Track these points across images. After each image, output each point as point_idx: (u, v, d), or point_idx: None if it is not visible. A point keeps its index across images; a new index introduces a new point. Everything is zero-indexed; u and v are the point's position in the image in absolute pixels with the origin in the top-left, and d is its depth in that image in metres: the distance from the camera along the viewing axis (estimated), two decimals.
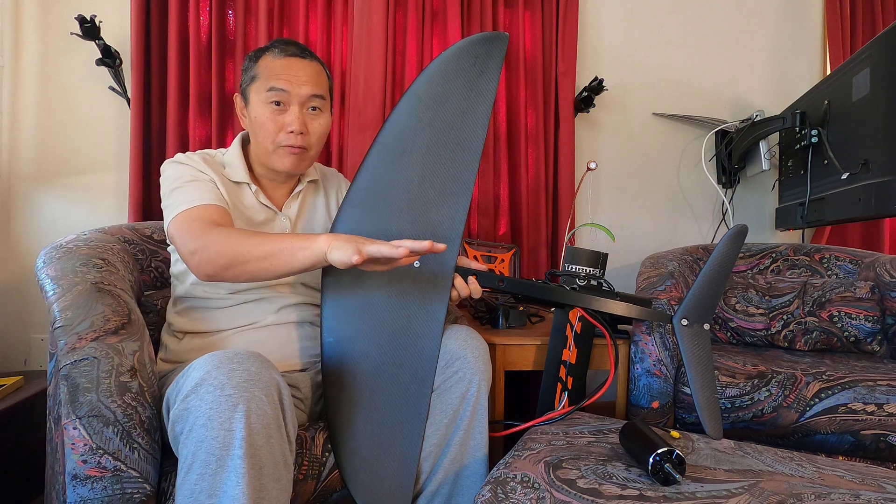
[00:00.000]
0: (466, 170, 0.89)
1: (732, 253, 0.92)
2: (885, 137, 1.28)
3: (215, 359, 0.67)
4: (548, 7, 1.77)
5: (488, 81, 0.90)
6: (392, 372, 0.87)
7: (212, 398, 0.63)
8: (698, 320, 0.95)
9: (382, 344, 0.87)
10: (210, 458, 0.62)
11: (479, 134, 0.90)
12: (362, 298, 0.87)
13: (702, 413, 0.89)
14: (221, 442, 0.62)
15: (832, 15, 1.92)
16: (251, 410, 0.63)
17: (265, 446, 0.64)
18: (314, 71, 0.94)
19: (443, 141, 0.89)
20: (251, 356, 0.69)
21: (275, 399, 0.67)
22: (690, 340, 0.94)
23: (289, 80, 0.91)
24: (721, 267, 0.92)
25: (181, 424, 0.65)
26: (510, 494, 0.64)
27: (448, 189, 0.89)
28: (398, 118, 0.90)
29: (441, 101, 0.89)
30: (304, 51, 0.95)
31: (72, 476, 0.67)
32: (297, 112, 0.91)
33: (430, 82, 0.90)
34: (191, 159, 0.93)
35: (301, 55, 0.94)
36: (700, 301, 0.94)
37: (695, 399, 0.91)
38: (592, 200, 1.90)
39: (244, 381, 0.64)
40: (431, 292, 0.88)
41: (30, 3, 1.53)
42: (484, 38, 0.90)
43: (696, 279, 0.94)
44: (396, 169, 0.89)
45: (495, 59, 0.90)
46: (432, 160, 0.89)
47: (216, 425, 0.62)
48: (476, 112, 0.90)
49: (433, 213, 0.89)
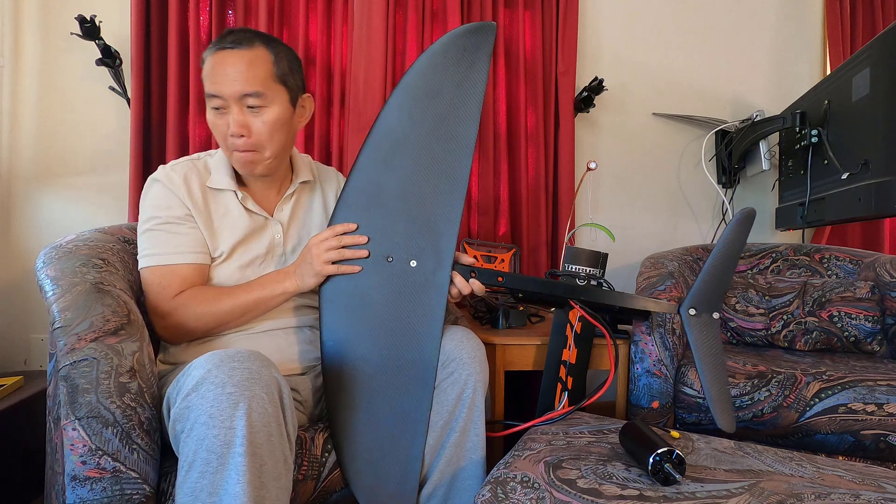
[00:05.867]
0: (460, 165, 0.88)
1: (740, 238, 0.89)
2: (885, 137, 1.28)
3: (216, 357, 0.67)
4: (548, 7, 1.77)
5: (479, 73, 0.88)
6: (392, 374, 0.86)
7: (213, 396, 0.63)
8: (707, 309, 0.92)
9: (381, 346, 0.86)
10: (211, 457, 0.62)
11: (471, 128, 0.88)
12: (360, 300, 0.87)
13: (713, 406, 0.88)
14: (223, 440, 0.62)
15: (832, 15, 1.92)
16: (252, 409, 0.63)
17: (266, 444, 0.64)
18: (246, 63, 0.84)
19: (435, 136, 0.88)
20: (252, 355, 0.69)
21: (275, 398, 0.67)
22: (699, 331, 0.91)
23: (216, 81, 0.84)
24: (729, 253, 0.89)
25: (182, 423, 0.65)
26: (510, 494, 0.64)
27: (442, 185, 0.88)
28: (389, 116, 0.88)
29: (431, 96, 0.88)
30: (241, 40, 0.85)
31: (71, 477, 0.67)
32: (236, 113, 0.85)
33: (419, 77, 0.88)
34: (172, 182, 0.88)
35: (234, 46, 0.84)
36: (708, 289, 0.91)
37: (705, 391, 0.89)
38: (592, 200, 1.90)
39: (245, 379, 0.64)
40: (429, 291, 0.87)
41: (30, 3, 1.53)
42: (471, 29, 0.88)
43: (703, 267, 0.92)
44: (389, 167, 0.88)
45: (484, 50, 0.88)
46: (425, 156, 0.88)
47: (217, 423, 0.62)
48: (468, 105, 0.88)
49: (428, 209, 0.88)
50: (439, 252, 0.87)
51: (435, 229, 0.87)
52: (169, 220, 0.87)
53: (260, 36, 0.88)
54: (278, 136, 0.89)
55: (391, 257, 0.87)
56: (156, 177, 0.89)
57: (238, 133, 0.85)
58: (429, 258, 0.87)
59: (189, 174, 0.90)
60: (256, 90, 0.84)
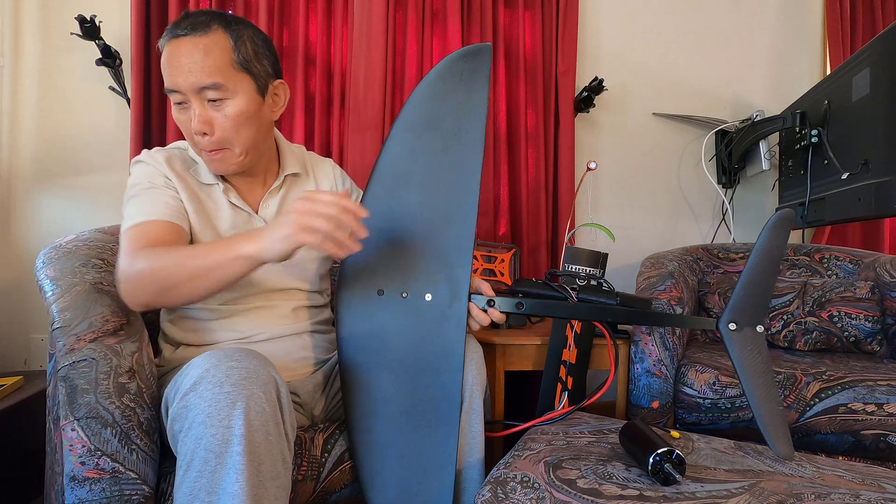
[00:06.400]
0: (468, 192, 0.86)
1: (777, 242, 0.80)
2: (885, 137, 1.28)
3: (214, 357, 0.66)
4: (548, 7, 1.77)
5: (478, 97, 0.86)
6: (416, 414, 0.84)
7: (211, 395, 0.63)
8: (749, 322, 0.81)
9: (403, 385, 0.84)
10: (209, 455, 0.62)
11: (475, 154, 0.86)
12: (377, 341, 0.84)
13: (766, 429, 0.77)
14: (220, 439, 0.62)
15: (832, 15, 1.92)
16: (250, 408, 0.63)
17: (264, 443, 0.64)
18: (201, 51, 0.75)
19: (439, 166, 0.86)
20: (249, 353, 0.68)
21: (273, 397, 0.66)
22: (742, 347, 0.80)
23: (171, 73, 0.76)
24: (767, 258, 0.80)
25: (180, 422, 0.65)
26: (510, 494, 0.64)
27: (452, 215, 0.86)
28: (390, 150, 0.86)
29: (432, 127, 0.86)
30: (196, 24, 0.76)
31: (70, 477, 0.67)
32: (197, 108, 0.77)
33: (417, 109, 0.86)
34: (154, 159, 0.84)
35: (188, 32, 0.76)
36: (748, 300, 0.81)
37: (756, 414, 0.78)
38: (592, 200, 1.90)
39: (243, 378, 0.64)
40: (446, 324, 0.84)
41: (30, 3, 1.53)
42: (466, 53, 0.86)
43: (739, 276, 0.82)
44: (396, 202, 0.86)
45: (482, 73, 0.86)
46: (431, 188, 0.86)
47: (215, 422, 0.62)
48: (470, 131, 0.86)
49: (439, 241, 0.86)
50: (454, 283, 0.85)
51: (448, 260, 0.85)
52: (150, 188, 0.82)
53: (219, 17, 0.78)
54: (246, 130, 0.80)
55: (405, 293, 0.85)
56: (139, 158, 0.86)
57: (200, 131, 0.78)
58: (444, 290, 0.85)
59: (171, 156, 0.86)
60: (214, 81, 0.76)
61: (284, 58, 1.64)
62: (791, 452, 0.76)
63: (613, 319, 0.86)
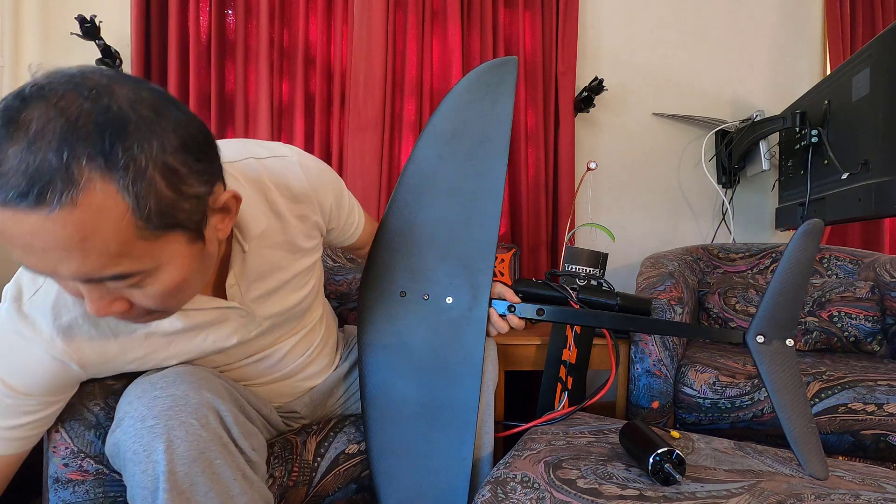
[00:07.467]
0: (491, 199, 0.88)
1: (807, 252, 0.78)
2: (885, 137, 1.28)
3: (139, 387, 0.63)
4: (548, 7, 1.77)
5: (503, 107, 0.89)
6: (434, 415, 0.84)
7: (134, 431, 0.59)
8: (779, 336, 0.78)
9: (422, 385, 0.85)
10: (145, 493, 0.59)
11: (500, 162, 0.88)
12: (398, 339, 0.86)
13: (798, 447, 0.74)
14: (151, 475, 0.58)
15: (832, 15, 1.92)
16: (173, 440, 0.58)
17: (203, 472, 0.60)
18: (70, 243, 0.43)
19: (463, 172, 0.88)
20: (179, 377, 0.62)
21: (210, 420, 0.61)
22: (771, 360, 0.77)
23: (24, 257, 0.44)
24: (796, 268, 0.77)
25: (115, 459, 0.62)
26: (510, 494, 0.64)
27: (474, 220, 0.88)
28: (418, 157, 0.88)
29: (458, 135, 0.88)
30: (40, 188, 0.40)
31: (54, 479, 0.66)
32: (97, 293, 0.49)
33: (445, 118, 0.89)
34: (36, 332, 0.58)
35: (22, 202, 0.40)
36: (777, 312, 0.78)
37: (786, 431, 0.75)
38: (592, 200, 1.90)
39: (167, 408, 0.59)
40: (466, 328, 0.86)
41: (30, 3, 1.53)
42: (493, 65, 0.89)
43: (767, 287, 0.79)
44: (421, 206, 0.88)
45: (507, 84, 0.89)
46: (456, 193, 0.88)
47: (142, 459, 0.58)
48: (495, 140, 0.88)
49: (462, 245, 0.87)
50: (475, 287, 0.86)
51: (469, 265, 0.87)
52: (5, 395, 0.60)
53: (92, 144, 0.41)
54: (184, 293, 0.56)
55: (427, 295, 0.86)
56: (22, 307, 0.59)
57: (118, 311, 0.51)
58: (464, 294, 0.86)
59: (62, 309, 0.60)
60: (115, 272, 0.47)
61: (284, 58, 1.64)
62: (825, 472, 0.72)
63: (640, 330, 0.86)
